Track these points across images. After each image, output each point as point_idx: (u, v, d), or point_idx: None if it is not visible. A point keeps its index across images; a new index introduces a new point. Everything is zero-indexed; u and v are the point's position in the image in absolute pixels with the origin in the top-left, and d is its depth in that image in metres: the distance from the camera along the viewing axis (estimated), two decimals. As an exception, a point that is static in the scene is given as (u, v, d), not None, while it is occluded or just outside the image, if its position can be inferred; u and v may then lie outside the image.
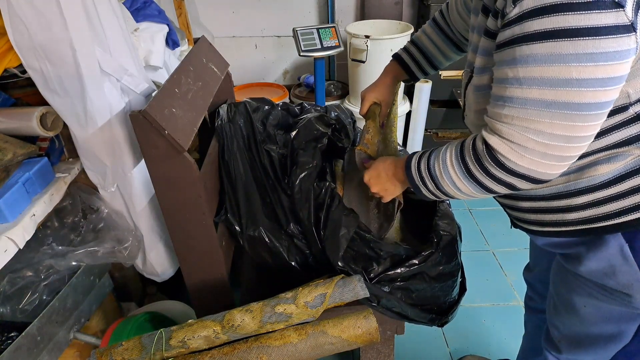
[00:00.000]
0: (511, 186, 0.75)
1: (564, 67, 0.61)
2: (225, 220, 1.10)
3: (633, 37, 0.59)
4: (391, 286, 1.02)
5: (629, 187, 0.75)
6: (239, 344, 0.90)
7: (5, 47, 0.93)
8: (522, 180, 0.73)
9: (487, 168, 0.74)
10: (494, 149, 0.72)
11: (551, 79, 0.63)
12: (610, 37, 0.58)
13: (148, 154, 0.92)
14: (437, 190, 0.85)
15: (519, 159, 0.71)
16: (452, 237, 1.07)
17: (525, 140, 0.68)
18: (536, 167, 0.71)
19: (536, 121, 0.66)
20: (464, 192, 0.81)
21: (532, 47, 0.62)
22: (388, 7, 2.80)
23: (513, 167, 0.72)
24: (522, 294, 1.90)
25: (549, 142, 0.67)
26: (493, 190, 0.78)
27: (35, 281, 1.14)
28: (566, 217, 0.82)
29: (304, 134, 1.16)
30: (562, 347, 1.00)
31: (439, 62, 1.16)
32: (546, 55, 0.61)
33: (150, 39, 1.35)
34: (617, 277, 0.80)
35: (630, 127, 0.72)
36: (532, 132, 0.67)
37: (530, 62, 0.63)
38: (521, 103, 0.66)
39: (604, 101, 0.64)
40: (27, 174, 1.04)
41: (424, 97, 2.54)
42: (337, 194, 1.06)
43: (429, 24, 1.14)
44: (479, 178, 0.76)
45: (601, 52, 0.59)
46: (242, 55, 2.99)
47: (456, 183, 0.80)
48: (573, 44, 0.59)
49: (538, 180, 0.73)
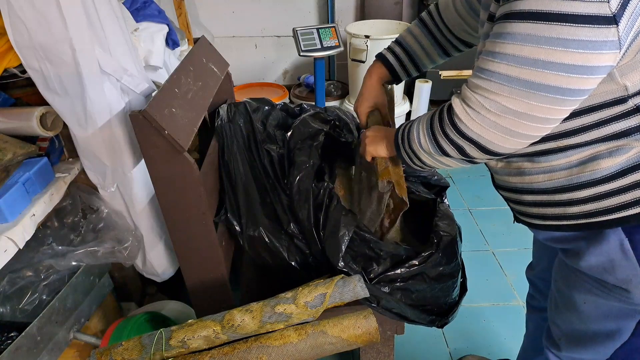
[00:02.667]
0: (461, 149, 0.79)
1: (535, 48, 0.64)
2: (225, 220, 1.10)
3: (613, 30, 0.60)
4: (391, 287, 1.02)
5: (630, 182, 0.76)
6: (239, 344, 0.90)
7: (5, 47, 0.93)
8: (470, 144, 0.78)
9: (443, 126, 0.80)
10: (453, 110, 0.77)
11: (520, 57, 0.66)
12: (587, 26, 0.60)
13: (148, 154, 0.92)
14: (409, 147, 0.90)
15: (469, 122, 0.75)
16: (452, 237, 1.07)
17: (480, 107, 0.73)
18: (485, 135, 0.75)
19: (495, 93, 0.70)
20: (425, 150, 0.86)
21: (513, 24, 0.65)
22: (388, 7, 2.80)
23: (463, 129, 0.76)
24: (522, 293, 1.91)
25: (501, 113, 0.71)
26: (445, 150, 0.82)
27: (35, 281, 1.14)
28: (568, 210, 0.83)
29: (299, 133, 1.16)
30: (563, 345, 1.00)
31: (424, 64, 1.15)
32: (522, 35, 0.65)
33: (150, 39, 1.35)
34: (616, 272, 0.80)
35: (630, 118, 0.73)
36: (487, 101, 0.72)
37: (507, 38, 0.66)
38: (489, 75, 0.70)
39: (565, 87, 0.65)
40: (27, 174, 1.04)
41: (424, 97, 2.54)
42: (335, 194, 1.06)
43: (416, 25, 1.12)
44: (436, 134, 0.82)
45: (574, 39, 0.61)
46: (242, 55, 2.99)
47: (421, 139, 0.86)
48: (549, 27, 0.62)
49: (487, 149, 0.77)
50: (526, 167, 0.86)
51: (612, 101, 0.72)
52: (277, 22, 2.89)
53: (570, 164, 0.80)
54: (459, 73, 2.60)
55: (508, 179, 0.92)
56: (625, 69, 0.68)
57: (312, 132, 1.19)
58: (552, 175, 0.82)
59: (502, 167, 0.92)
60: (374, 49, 2.34)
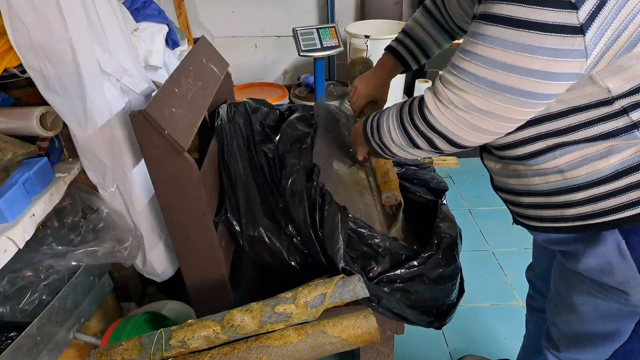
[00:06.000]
0: (430, 141, 0.83)
1: (502, 52, 0.67)
2: (225, 220, 1.10)
3: (579, 39, 0.62)
4: (391, 287, 1.02)
5: (626, 184, 0.76)
6: (238, 344, 0.90)
7: (5, 47, 0.93)
8: (439, 137, 0.81)
9: (413, 118, 0.83)
10: (424, 102, 0.81)
11: (489, 58, 0.68)
12: (554, 34, 0.62)
13: (148, 154, 0.92)
14: (379, 140, 0.93)
15: (438, 115, 0.79)
16: (453, 239, 1.07)
17: (448, 102, 0.76)
18: (452, 128, 0.78)
19: (462, 90, 0.74)
20: (396, 142, 0.89)
21: (485, 26, 0.68)
22: (388, 7, 2.80)
23: (432, 121, 0.80)
24: (522, 293, 1.91)
25: (466, 109, 0.75)
26: (416, 142, 0.85)
27: (35, 281, 1.14)
28: (565, 213, 0.84)
29: (286, 136, 1.17)
30: (562, 346, 1.01)
31: (433, 51, 1.18)
32: (491, 38, 0.67)
33: (150, 38, 1.35)
34: (614, 274, 0.81)
35: (617, 119, 0.73)
36: (455, 97, 0.75)
37: (478, 39, 0.69)
38: (458, 71, 0.74)
39: (528, 90, 0.68)
40: (27, 174, 1.04)
41: (424, 97, 2.54)
42: (327, 192, 1.06)
43: (421, 14, 1.15)
44: (407, 126, 0.85)
45: (540, 46, 0.64)
46: (242, 55, 2.99)
47: (391, 132, 0.89)
48: (518, 33, 0.64)
49: (453, 142, 0.81)
50: (521, 170, 0.87)
51: (596, 103, 0.73)
52: (277, 22, 2.89)
53: (561, 167, 0.80)
54: (458, 73, 2.60)
55: (507, 180, 0.92)
56: (605, 74, 0.69)
57: (300, 135, 1.20)
58: (547, 178, 0.83)
59: (500, 168, 0.92)
60: (374, 49, 2.34)
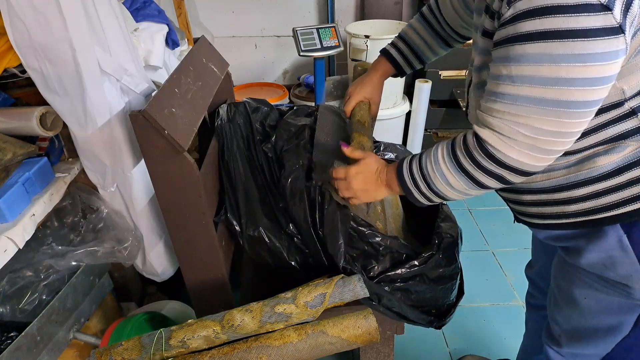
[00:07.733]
0: (501, 178, 0.77)
1: (554, 67, 0.64)
2: (225, 220, 1.10)
3: (621, 39, 0.62)
4: (391, 287, 1.02)
5: (627, 179, 0.77)
6: (238, 344, 0.90)
7: (5, 47, 0.93)
8: (510, 172, 0.75)
9: (477, 160, 0.76)
10: (485, 140, 0.74)
11: (541, 77, 0.65)
12: (598, 39, 0.61)
13: (148, 154, 0.92)
14: (429, 190, 0.84)
15: (508, 150, 0.73)
16: (453, 239, 1.07)
17: (514, 133, 0.71)
18: (524, 159, 0.73)
19: (525, 116, 0.69)
20: (456, 188, 0.81)
21: (525, 46, 0.65)
22: (388, 7, 2.80)
23: (502, 158, 0.74)
24: (521, 293, 1.90)
25: (537, 136, 0.70)
26: (484, 183, 0.78)
27: (35, 281, 1.14)
28: (567, 209, 0.84)
29: (283, 133, 1.16)
30: (563, 341, 1.01)
31: (427, 57, 1.17)
32: (537, 55, 0.64)
33: (150, 38, 1.35)
34: (617, 268, 0.81)
35: (626, 121, 0.74)
36: (521, 126, 0.70)
37: (522, 60, 0.66)
38: (512, 99, 0.69)
39: (591, 100, 0.66)
40: (27, 174, 1.04)
41: (424, 97, 2.54)
42: (325, 190, 1.06)
43: (417, 20, 1.14)
44: (470, 171, 0.77)
45: (589, 53, 0.62)
46: (242, 55, 2.98)
47: (448, 179, 0.80)
48: (562, 45, 0.62)
49: (526, 172, 0.75)
50: None
51: (609, 105, 0.73)
52: (277, 22, 2.88)
53: (568, 164, 0.81)
54: (458, 73, 2.60)
55: None
56: (622, 73, 0.69)
57: (296, 130, 1.18)
58: (551, 175, 0.83)
59: None
60: (374, 49, 2.34)
